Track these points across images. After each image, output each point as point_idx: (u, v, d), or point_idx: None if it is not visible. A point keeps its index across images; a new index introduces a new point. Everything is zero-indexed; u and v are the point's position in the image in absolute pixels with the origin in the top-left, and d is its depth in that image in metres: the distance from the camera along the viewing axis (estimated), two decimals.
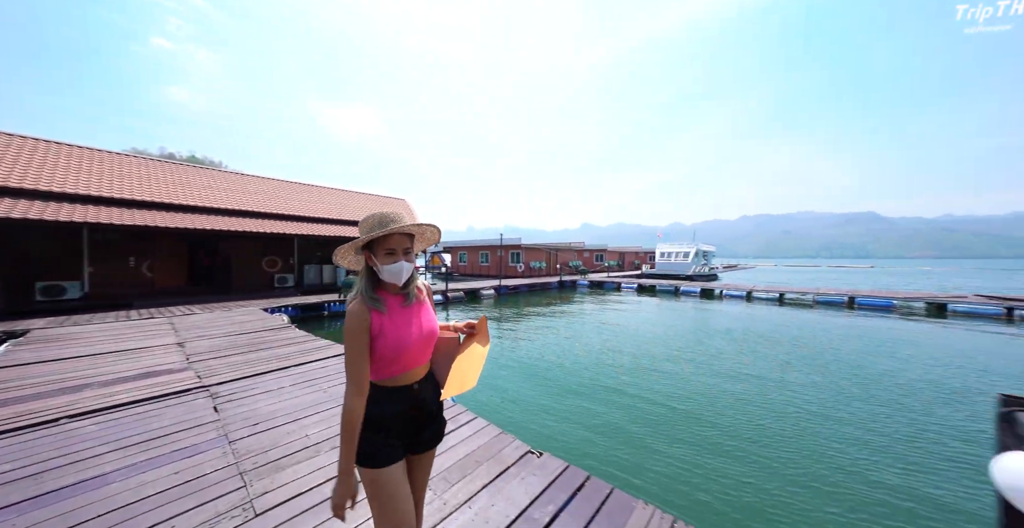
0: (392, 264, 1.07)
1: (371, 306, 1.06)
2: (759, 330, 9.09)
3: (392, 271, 1.08)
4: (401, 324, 1.10)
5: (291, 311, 9.41)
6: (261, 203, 13.21)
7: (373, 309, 1.06)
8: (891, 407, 4.42)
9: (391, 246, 1.08)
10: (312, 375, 3.79)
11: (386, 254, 1.08)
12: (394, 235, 1.08)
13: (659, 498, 2.68)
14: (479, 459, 2.26)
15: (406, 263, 1.09)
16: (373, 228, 1.07)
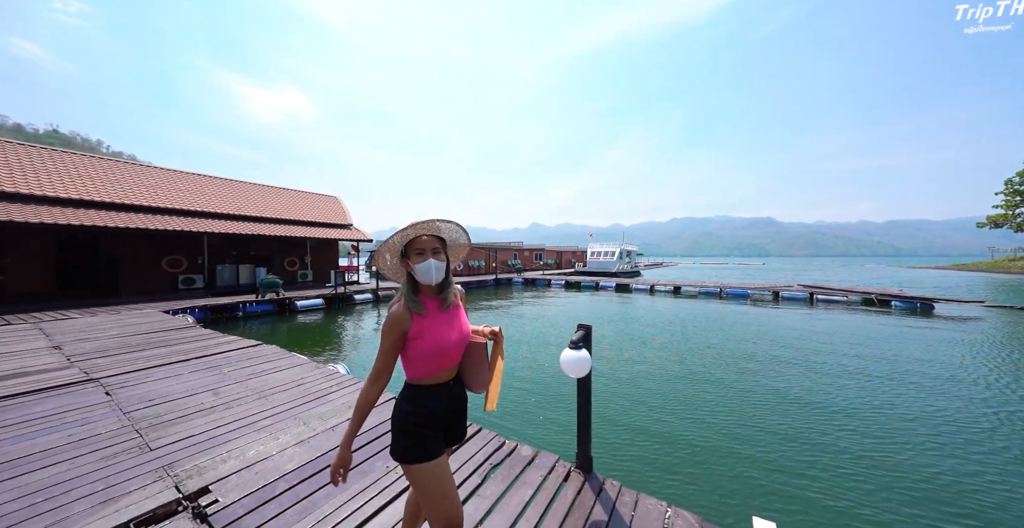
0: (422, 263, 1.13)
1: (412, 309, 1.13)
2: (637, 315, 11.09)
3: (422, 270, 1.14)
4: (440, 326, 1.17)
5: (198, 313, 8.97)
6: (158, 197, 12.01)
7: (414, 312, 1.13)
8: (683, 357, 6.16)
9: (419, 246, 1.15)
10: (213, 363, 4.16)
11: (416, 254, 1.15)
12: (421, 236, 1.16)
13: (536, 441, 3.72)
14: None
15: (435, 262, 1.15)
16: (405, 230, 1.16)
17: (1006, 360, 6.52)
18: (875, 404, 4.54)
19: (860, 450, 3.47)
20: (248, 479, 2.08)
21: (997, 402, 4.62)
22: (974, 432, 3.85)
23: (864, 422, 4.06)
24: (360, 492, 2.01)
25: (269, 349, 4.83)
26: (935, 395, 4.84)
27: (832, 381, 5.36)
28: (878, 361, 6.38)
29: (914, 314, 11.00)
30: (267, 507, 1.87)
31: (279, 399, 3.23)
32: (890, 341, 7.92)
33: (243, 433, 2.61)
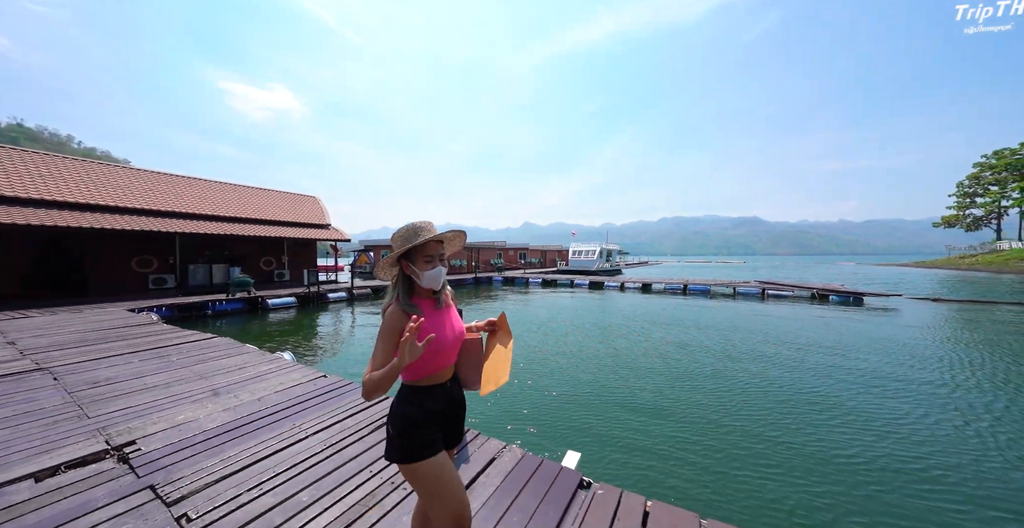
0: (432, 270, 1.15)
1: (409, 312, 1.11)
2: (591, 309, 11.71)
3: (432, 276, 1.15)
4: (436, 326, 1.16)
5: (164, 311, 9.17)
6: (126, 197, 12.06)
7: (410, 315, 1.10)
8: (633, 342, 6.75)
9: (429, 253, 1.15)
10: (164, 353, 4.51)
11: (425, 261, 1.15)
12: (430, 243, 1.15)
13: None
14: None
15: (442, 268, 1.18)
16: (408, 238, 1.14)
17: (894, 340, 7.50)
18: (763, 381, 5.18)
19: (723, 411, 4.07)
20: (171, 434, 2.50)
21: (873, 375, 5.32)
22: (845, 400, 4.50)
23: (744, 395, 4.67)
24: (264, 441, 2.44)
25: (222, 341, 5.18)
26: (822, 373, 5.52)
27: (735, 364, 6.01)
28: (788, 346, 7.10)
29: (847, 306, 11.92)
30: (182, 452, 2.29)
31: (218, 380, 3.63)
32: (809, 329, 8.73)
33: (177, 404, 3.01)
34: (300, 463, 2.23)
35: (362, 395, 1.06)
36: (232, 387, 3.44)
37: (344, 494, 1.96)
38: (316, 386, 3.52)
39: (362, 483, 2.06)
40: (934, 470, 3.08)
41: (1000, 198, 37.71)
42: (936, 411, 4.22)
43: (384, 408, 3.02)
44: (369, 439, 2.56)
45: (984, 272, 30.27)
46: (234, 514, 1.78)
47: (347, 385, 3.56)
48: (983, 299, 13.38)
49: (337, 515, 1.80)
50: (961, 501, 2.70)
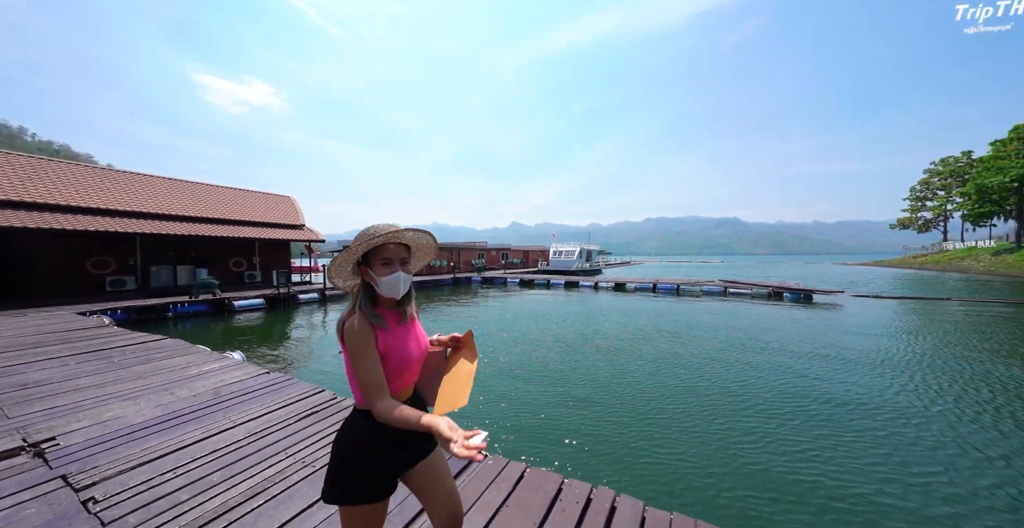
0: (389, 275, 1.02)
1: (373, 322, 1.00)
2: (558, 306, 12.07)
3: (389, 282, 1.02)
4: (403, 341, 1.06)
5: (120, 314, 8.91)
6: (80, 196, 11.61)
7: (377, 327, 1.00)
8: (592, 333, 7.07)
9: (387, 256, 1.02)
10: (105, 355, 4.48)
11: (382, 264, 1.02)
12: (389, 245, 1.03)
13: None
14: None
15: (403, 274, 1.04)
16: (366, 240, 1.01)
17: (825, 329, 8.15)
18: (698, 364, 5.58)
19: (660, 388, 4.41)
20: (93, 430, 2.59)
21: (795, 361, 5.82)
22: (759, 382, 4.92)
23: (674, 377, 5.04)
24: (188, 432, 2.56)
25: (172, 342, 5.17)
26: (743, 359, 5.98)
27: (677, 349, 6.43)
28: (725, 339, 7.60)
29: (797, 303, 12.72)
30: (101, 446, 2.39)
31: (157, 378, 3.68)
32: (756, 322, 9.30)
33: (107, 402, 3.08)
34: (220, 449, 2.37)
35: (380, 419, 0.94)
36: (170, 385, 3.51)
37: (255, 473, 2.13)
38: (257, 382, 3.63)
39: (275, 463, 2.23)
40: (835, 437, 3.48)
41: (946, 202, 40.86)
42: (845, 396, 4.69)
43: (318, 398, 3.18)
44: (294, 426, 2.72)
45: (932, 271, 32.53)
46: (141, 495, 1.92)
47: (288, 380, 3.69)
48: (913, 295, 14.59)
49: (243, 490, 1.97)
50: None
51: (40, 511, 1.79)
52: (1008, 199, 30.55)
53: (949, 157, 40.77)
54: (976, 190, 31.87)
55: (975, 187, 31.92)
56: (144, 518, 1.75)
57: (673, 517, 1.86)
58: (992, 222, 34.80)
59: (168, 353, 4.61)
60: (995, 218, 33.95)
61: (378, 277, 1.02)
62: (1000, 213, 32.85)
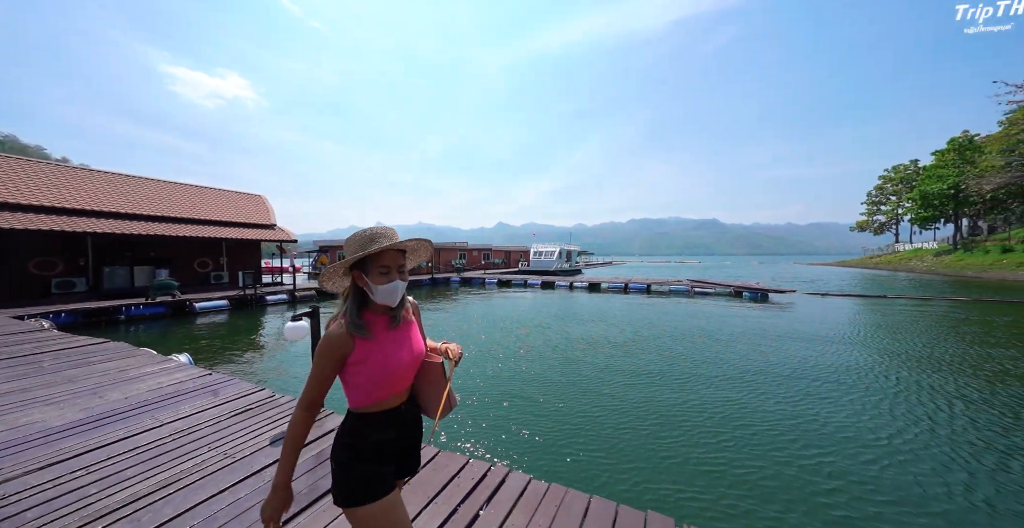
0: (387, 284, 1.00)
1: (356, 333, 0.98)
2: (528, 305, 12.36)
3: (387, 291, 1.00)
4: (388, 348, 1.03)
5: (64, 318, 8.53)
6: (22, 192, 10.97)
7: (356, 336, 0.98)
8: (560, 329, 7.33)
9: (385, 264, 1.00)
10: (34, 360, 4.36)
11: (380, 273, 0.99)
12: (388, 252, 1.01)
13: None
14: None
15: (400, 282, 1.02)
16: (364, 245, 0.99)
17: (770, 325, 8.75)
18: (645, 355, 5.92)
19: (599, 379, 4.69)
20: (5, 435, 2.58)
21: (740, 352, 6.25)
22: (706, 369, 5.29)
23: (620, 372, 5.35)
24: (111, 432, 2.60)
25: (114, 345, 5.06)
26: (693, 353, 6.39)
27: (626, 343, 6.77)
28: (670, 334, 8.05)
29: (755, 301, 13.50)
30: (11, 449, 2.40)
31: (89, 382, 3.65)
32: (709, 319, 9.85)
33: (27, 407, 3.05)
34: (139, 447, 2.43)
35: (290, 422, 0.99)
36: (101, 388, 3.49)
37: (171, 467, 2.22)
38: (196, 383, 3.65)
39: (195, 457, 2.32)
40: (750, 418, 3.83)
41: (897, 206, 43.99)
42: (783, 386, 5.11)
43: (255, 397, 3.25)
44: (224, 423, 2.80)
45: (885, 270, 34.88)
46: (45, 493, 1.97)
47: (228, 380, 3.73)
48: (855, 293, 15.79)
49: (156, 482, 2.06)
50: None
51: None
52: (946, 205, 33.22)
53: (900, 165, 43.90)
54: (920, 196, 34.54)
55: (919, 193, 34.58)
56: (43, 513, 1.82)
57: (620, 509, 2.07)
58: (936, 225, 37.69)
59: (107, 357, 4.52)
60: (939, 222, 36.80)
61: (375, 285, 0.99)
62: (942, 217, 35.65)
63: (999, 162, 26.35)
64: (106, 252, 12.54)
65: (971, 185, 29.57)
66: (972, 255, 29.25)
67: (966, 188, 30.50)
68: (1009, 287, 18.72)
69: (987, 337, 7.99)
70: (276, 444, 2.53)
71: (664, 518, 1.85)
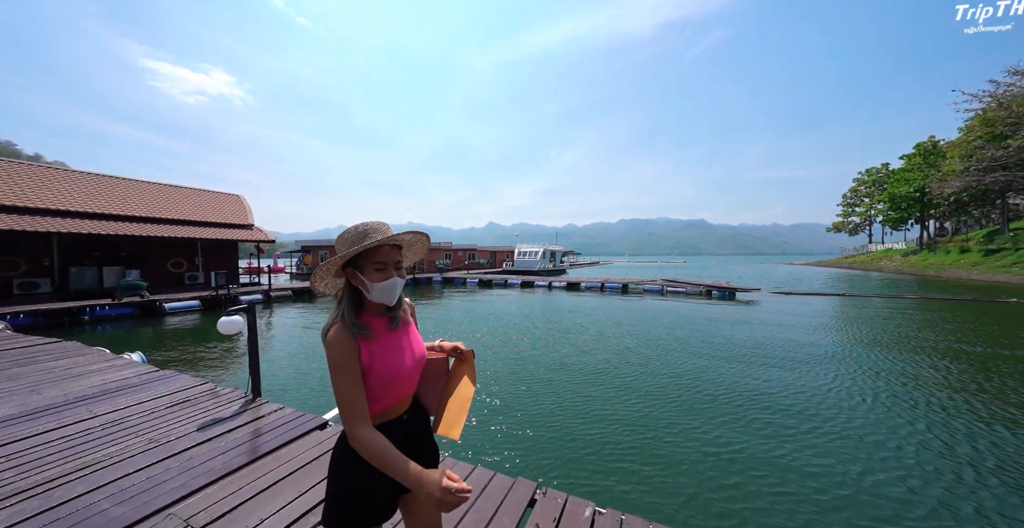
0: (384, 281, 0.94)
1: (356, 333, 0.92)
2: (516, 307, 12.61)
3: (384, 289, 0.95)
4: (391, 351, 0.97)
5: (23, 319, 8.41)
6: None
7: (360, 337, 0.93)
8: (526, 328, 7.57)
9: (381, 260, 0.95)
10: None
11: (376, 270, 0.94)
12: (384, 247, 0.95)
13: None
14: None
15: (398, 279, 0.97)
16: (357, 241, 0.93)
17: (729, 321, 9.21)
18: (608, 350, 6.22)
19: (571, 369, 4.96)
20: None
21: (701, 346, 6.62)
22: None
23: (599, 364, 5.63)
24: (41, 424, 2.73)
25: (68, 345, 5.10)
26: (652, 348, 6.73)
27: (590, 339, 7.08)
28: (631, 332, 8.41)
29: (723, 300, 14.04)
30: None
31: (30, 380, 3.73)
32: (672, 317, 10.26)
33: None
34: (66, 437, 2.57)
35: (356, 449, 0.86)
36: (41, 385, 3.58)
37: (93, 451, 2.37)
38: (140, 379, 3.77)
39: (120, 443, 2.47)
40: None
41: (870, 208, 45.85)
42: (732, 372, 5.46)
43: (197, 390, 3.39)
44: (159, 413, 2.96)
45: (858, 270, 36.32)
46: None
47: (173, 375, 3.86)
48: (817, 292, 16.58)
49: (75, 465, 2.21)
50: None
51: None
52: (913, 207, 34.85)
53: (872, 168, 45.81)
54: (889, 198, 36.11)
55: (888, 196, 36.14)
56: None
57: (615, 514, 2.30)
58: (906, 227, 39.45)
59: (55, 355, 4.58)
60: (907, 223, 38.54)
61: (372, 283, 0.94)
62: (910, 219, 37.35)
63: (959, 167, 27.78)
64: (73, 252, 12.30)
65: (934, 188, 31.05)
66: (935, 255, 30.74)
67: (930, 191, 32.03)
68: (962, 285, 19.80)
69: (907, 326, 8.73)
70: (203, 430, 2.70)
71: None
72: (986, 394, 4.72)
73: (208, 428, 2.73)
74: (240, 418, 2.89)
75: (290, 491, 2.03)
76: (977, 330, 8.56)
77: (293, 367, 6.02)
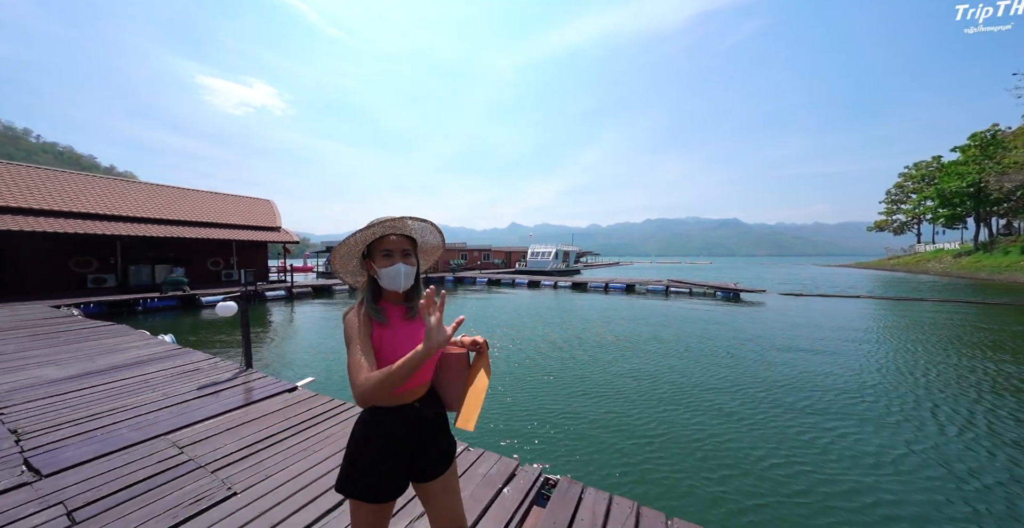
0: (389, 267, 0.98)
1: (373, 317, 0.98)
2: (518, 306, 13.11)
3: (390, 274, 0.99)
4: (403, 338, 1.00)
5: (92, 308, 9.99)
6: (67, 201, 12.72)
7: (373, 320, 0.98)
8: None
9: (386, 247, 0.99)
10: (55, 334, 5.55)
11: (382, 256, 0.99)
12: (389, 236, 0.99)
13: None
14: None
15: (404, 266, 1.00)
16: (370, 228, 0.98)
17: (731, 320, 9.22)
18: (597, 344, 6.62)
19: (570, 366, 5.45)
20: (25, 380, 3.65)
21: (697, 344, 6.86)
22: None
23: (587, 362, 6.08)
24: (93, 382, 3.62)
25: (118, 328, 6.24)
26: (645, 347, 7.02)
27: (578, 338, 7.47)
28: (618, 331, 8.64)
29: (727, 300, 13.77)
30: (25, 389, 3.45)
31: (90, 351, 4.75)
32: (667, 317, 10.33)
33: (42, 366, 4.14)
34: (107, 390, 3.43)
35: (357, 403, 0.88)
36: (96, 355, 4.57)
37: (123, 399, 3.19)
38: (166, 354, 4.68)
39: (141, 394, 3.29)
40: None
41: (917, 205, 41.82)
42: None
43: (204, 363, 4.22)
44: (172, 378, 3.77)
45: (901, 272, 33.48)
46: (57, 419, 2.94)
47: (189, 352, 4.74)
48: (830, 293, 15.74)
49: (109, 407, 3.02)
50: None
51: None
52: (966, 203, 31.58)
53: (922, 161, 41.84)
54: (937, 194, 32.92)
55: (936, 191, 32.96)
56: (32, 414, 2.81)
57: None
58: (963, 225, 35.78)
59: (109, 335, 5.68)
60: (965, 221, 34.91)
61: (379, 269, 1.00)
62: (965, 216, 33.84)
63: (1023, 159, 25.00)
64: (133, 252, 14.26)
65: (992, 183, 28.11)
66: (991, 256, 27.84)
67: (987, 186, 29.01)
68: (1016, 290, 18.00)
69: (906, 330, 8.31)
70: (202, 388, 3.47)
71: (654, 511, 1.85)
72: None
73: (206, 387, 3.50)
74: (231, 382, 3.65)
75: (252, 429, 2.71)
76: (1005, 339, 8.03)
77: (296, 346, 6.94)
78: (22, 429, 2.67)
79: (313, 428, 2.74)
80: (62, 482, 2.05)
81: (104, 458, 2.30)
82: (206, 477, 2.10)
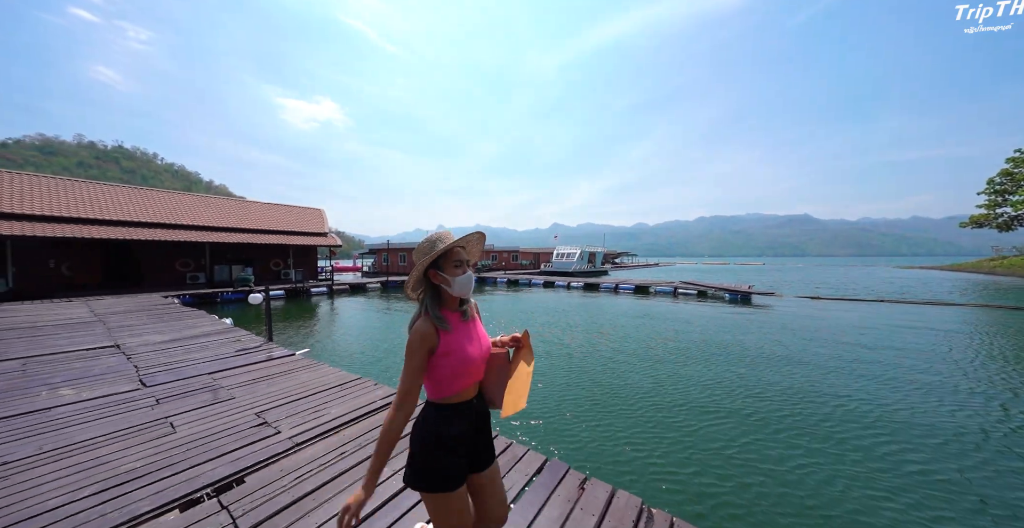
0: (463, 275, 1.13)
1: (438, 326, 1.10)
2: (523, 306, 14.13)
3: (462, 282, 1.13)
4: (464, 341, 1.14)
5: (187, 298, 13.05)
6: (170, 215, 16.40)
7: (440, 329, 1.10)
8: None
9: (458, 258, 1.13)
10: (159, 314, 7.88)
11: (455, 266, 1.13)
12: (456, 249, 1.14)
13: None
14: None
15: (472, 273, 1.16)
16: (431, 248, 1.12)
17: (735, 324, 9.39)
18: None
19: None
20: (146, 341, 5.64)
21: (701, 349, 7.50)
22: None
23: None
24: (179, 345, 5.51)
25: (198, 312, 8.53)
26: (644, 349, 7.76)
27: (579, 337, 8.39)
28: (610, 333, 9.26)
29: (735, 303, 13.45)
30: (144, 347, 5.39)
31: (177, 326, 6.84)
32: (664, 318, 10.63)
33: (151, 333, 6.20)
34: (177, 350, 5.24)
35: (384, 425, 1.04)
36: (180, 329, 6.62)
37: (184, 355, 4.94)
38: (221, 331, 6.58)
39: (195, 353, 5.03)
40: None
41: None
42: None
43: (251, 343, 5.98)
44: (218, 344, 5.52)
45: (1000, 276, 28.15)
46: (157, 360, 4.77)
47: (239, 331, 6.58)
48: (849, 297, 14.42)
49: (173, 360, 4.76)
50: None
51: (114, 363, 4.75)
52: None
53: None
54: None
55: None
56: (149, 357, 4.61)
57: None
58: None
59: (190, 316, 7.90)
60: None
61: (452, 278, 1.13)
62: None
63: None
64: (217, 255, 17.88)
65: None
66: None
67: None
68: None
69: (906, 335, 7.75)
70: (236, 352, 5.13)
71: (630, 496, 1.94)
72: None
73: (240, 350, 5.17)
74: (256, 348, 5.28)
75: (261, 374, 4.22)
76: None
77: (312, 329, 8.81)
78: (140, 365, 4.48)
79: (293, 376, 4.18)
80: (157, 388, 3.70)
81: (177, 382, 3.94)
82: (223, 391, 3.60)
